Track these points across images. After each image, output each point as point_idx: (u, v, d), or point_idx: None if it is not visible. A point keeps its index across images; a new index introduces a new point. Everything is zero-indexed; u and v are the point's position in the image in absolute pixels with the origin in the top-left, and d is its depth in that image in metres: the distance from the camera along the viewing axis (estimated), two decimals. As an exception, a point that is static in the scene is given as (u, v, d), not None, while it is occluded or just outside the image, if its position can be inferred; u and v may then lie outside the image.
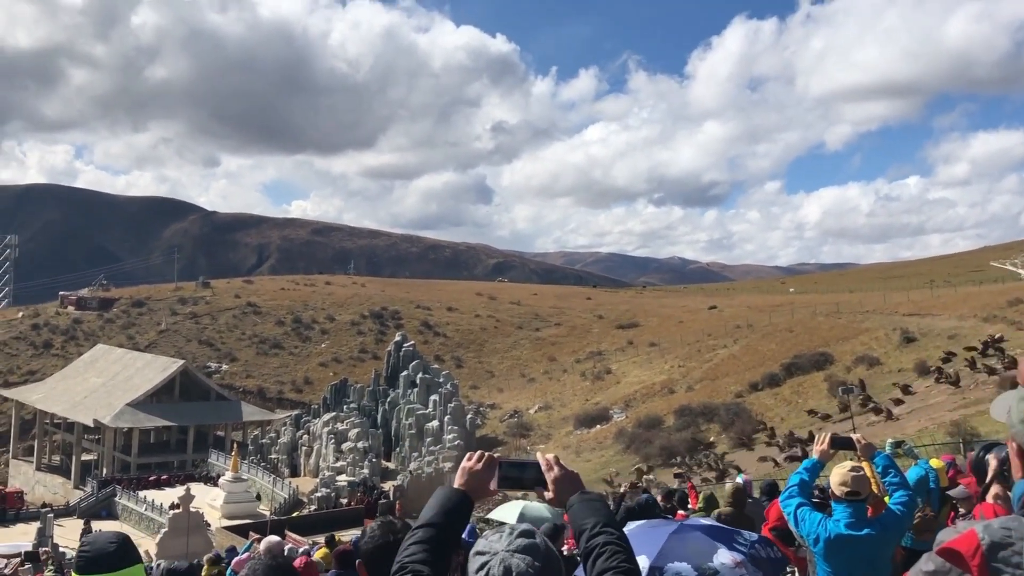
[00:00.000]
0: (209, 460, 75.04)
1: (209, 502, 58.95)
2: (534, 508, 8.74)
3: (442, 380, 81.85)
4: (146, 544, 47.85)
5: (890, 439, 13.97)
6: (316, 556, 10.49)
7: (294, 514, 58.18)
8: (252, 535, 36.94)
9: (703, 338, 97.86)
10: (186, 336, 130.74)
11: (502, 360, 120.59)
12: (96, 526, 54.50)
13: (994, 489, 3.63)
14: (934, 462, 10.00)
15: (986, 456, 3.91)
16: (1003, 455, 3.23)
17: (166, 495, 61.72)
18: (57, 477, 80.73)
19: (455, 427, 74.33)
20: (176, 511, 50.96)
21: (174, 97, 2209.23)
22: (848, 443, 5.94)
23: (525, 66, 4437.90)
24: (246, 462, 69.00)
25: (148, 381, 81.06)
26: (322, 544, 17.61)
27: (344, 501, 61.93)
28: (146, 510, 59.21)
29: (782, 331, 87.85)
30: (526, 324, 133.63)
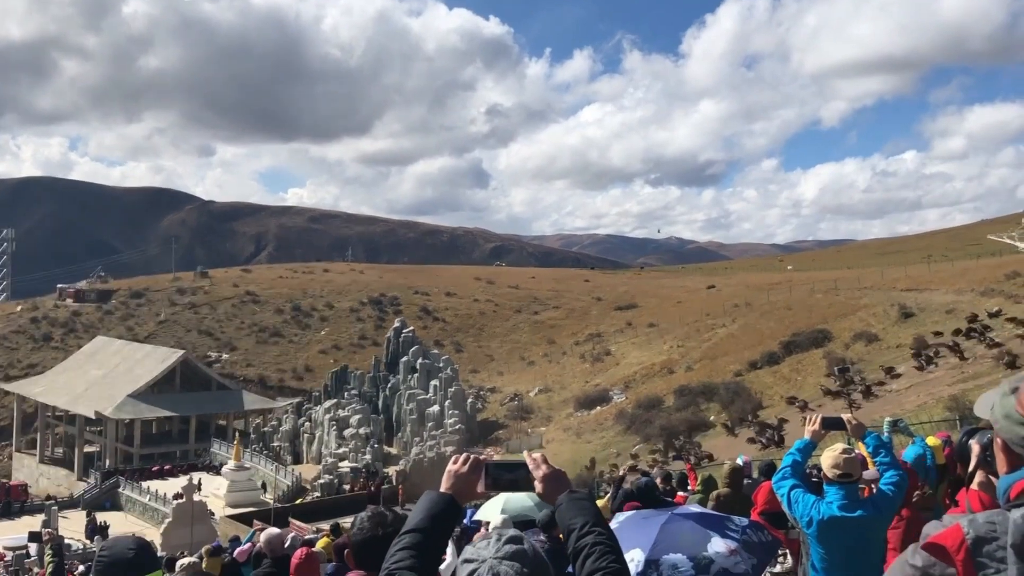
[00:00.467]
0: (211, 450, 75.17)
1: (213, 491, 59.13)
2: (516, 499, 8.75)
3: (442, 365, 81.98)
4: (151, 534, 48.09)
5: (888, 417, 14.02)
6: (318, 546, 10.54)
7: (297, 501, 58.36)
8: (256, 524, 37.09)
9: (702, 318, 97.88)
10: (185, 326, 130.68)
11: (501, 344, 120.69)
12: (100, 518, 54.73)
13: (978, 476, 3.64)
14: (930, 440, 10.05)
15: (969, 441, 3.92)
16: (985, 440, 3.25)
17: (169, 485, 61.85)
18: (60, 469, 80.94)
19: (456, 411, 74.51)
20: (180, 501, 51.14)
21: (167, 86, 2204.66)
22: (839, 423, 5.85)
23: (519, 48, 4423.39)
24: (248, 451, 69.11)
25: (149, 372, 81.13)
26: (326, 532, 17.68)
27: (347, 487, 62.18)
28: (150, 500, 59.32)
29: (780, 309, 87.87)
30: (525, 307, 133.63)
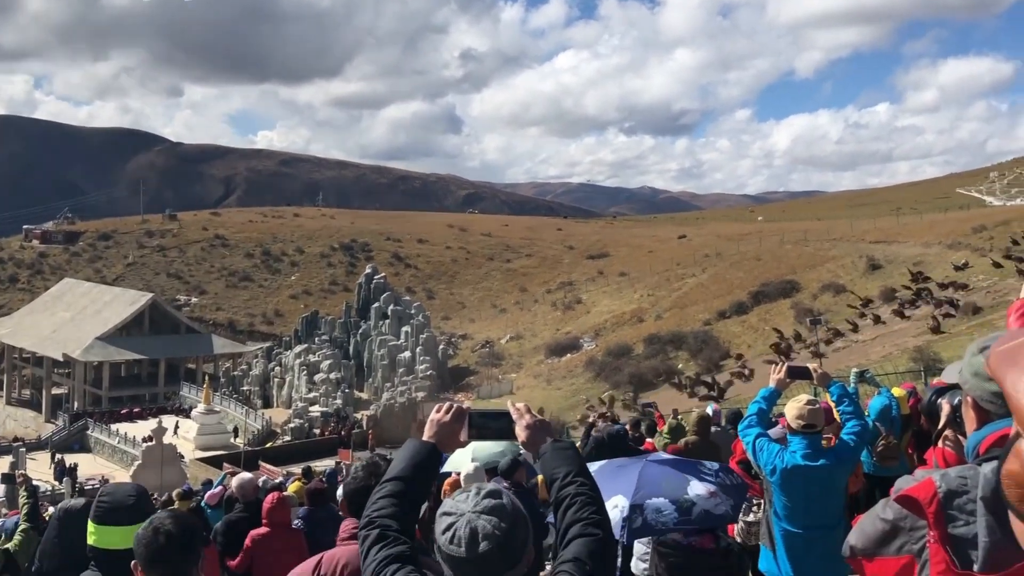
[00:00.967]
0: (181, 393, 74.99)
1: (183, 434, 59.17)
2: (485, 446, 8.82)
3: (413, 312, 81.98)
4: (120, 476, 48.12)
5: (855, 368, 14.26)
6: (289, 489, 10.59)
7: (267, 445, 58.58)
8: (226, 467, 37.22)
9: (672, 267, 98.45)
10: (154, 269, 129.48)
11: (473, 291, 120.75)
12: (69, 460, 54.59)
13: (947, 434, 3.71)
14: (896, 391, 10.27)
15: (939, 400, 3.99)
16: (955, 401, 3.30)
17: (138, 428, 61.74)
18: (28, 411, 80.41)
19: (427, 358, 74.73)
20: (149, 444, 51.15)
21: (135, 25, 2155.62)
22: (804, 372, 5.84)
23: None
24: (218, 394, 69.09)
25: (117, 315, 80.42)
26: (297, 475, 17.77)
27: (317, 431, 62.41)
28: (119, 443, 59.18)
29: (750, 259, 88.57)
30: (497, 255, 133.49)
